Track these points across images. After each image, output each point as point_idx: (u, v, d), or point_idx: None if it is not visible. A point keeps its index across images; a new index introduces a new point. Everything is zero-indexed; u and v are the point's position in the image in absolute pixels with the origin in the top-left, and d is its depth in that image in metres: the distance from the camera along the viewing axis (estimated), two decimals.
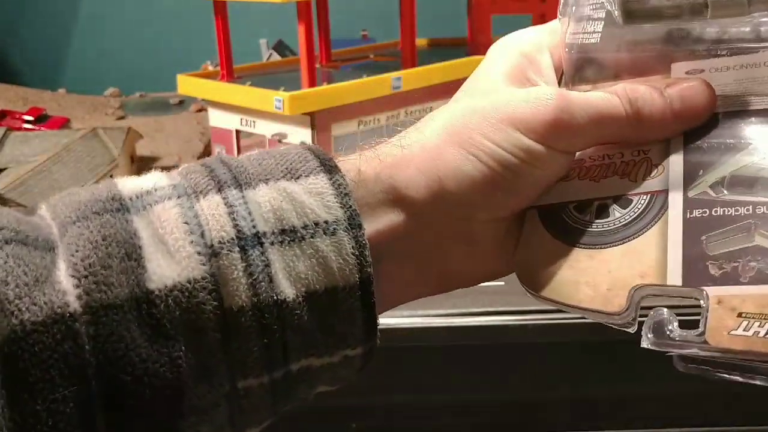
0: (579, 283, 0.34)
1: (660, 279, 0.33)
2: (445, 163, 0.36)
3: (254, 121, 1.09)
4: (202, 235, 0.31)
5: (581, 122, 0.36)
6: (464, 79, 1.25)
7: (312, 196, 0.33)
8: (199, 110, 1.49)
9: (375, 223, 0.35)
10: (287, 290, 0.31)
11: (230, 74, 1.15)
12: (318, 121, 1.01)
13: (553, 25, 0.42)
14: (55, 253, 0.30)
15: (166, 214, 0.31)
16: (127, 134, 1.10)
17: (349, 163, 0.37)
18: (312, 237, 0.32)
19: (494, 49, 0.43)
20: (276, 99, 0.99)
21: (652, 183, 0.35)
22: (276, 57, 1.56)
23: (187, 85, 1.16)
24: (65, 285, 0.29)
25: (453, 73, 1.16)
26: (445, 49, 1.36)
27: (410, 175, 0.36)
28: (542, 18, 1.23)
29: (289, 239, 0.32)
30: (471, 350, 0.76)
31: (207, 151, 1.25)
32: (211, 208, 0.32)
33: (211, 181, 0.33)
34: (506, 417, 0.80)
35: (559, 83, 0.41)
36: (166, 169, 0.35)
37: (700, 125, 0.36)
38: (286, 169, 0.34)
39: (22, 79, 1.76)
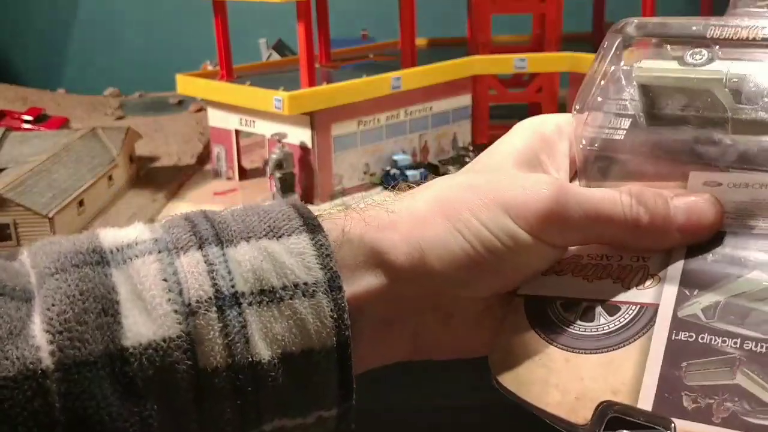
0: (549, 385, 0.33)
1: (631, 399, 0.31)
2: (429, 234, 0.35)
3: (254, 121, 1.09)
4: (180, 293, 0.30)
5: (575, 218, 0.34)
6: (464, 79, 1.25)
7: (293, 256, 0.32)
8: (199, 110, 1.48)
9: (355, 285, 0.34)
10: (263, 351, 0.31)
11: (230, 74, 1.15)
12: (317, 120, 1.01)
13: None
14: (32, 304, 0.30)
15: (146, 270, 0.31)
16: (127, 134, 1.10)
17: (334, 223, 0.35)
18: (291, 298, 0.32)
19: (517, 127, 0.43)
20: (275, 99, 0.99)
21: (645, 294, 0.34)
22: (275, 57, 1.56)
23: (186, 84, 1.16)
24: (39, 340, 0.29)
25: (453, 73, 1.16)
26: (444, 48, 1.36)
27: (394, 240, 0.35)
28: (542, 18, 1.23)
29: (267, 300, 0.31)
30: None
31: (206, 151, 1.25)
32: (191, 265, 0.31)
33: (193, 237, 0.32)
34: (505, 417, 0.80)
35: (572, 176, 0.39)
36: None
37: (705, 241, 0.34)
38: (269, 227, 0.33)
39: (22, 79, 1.76)
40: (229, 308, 0.31)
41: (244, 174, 1.17)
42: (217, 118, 1.16)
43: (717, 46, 0.36)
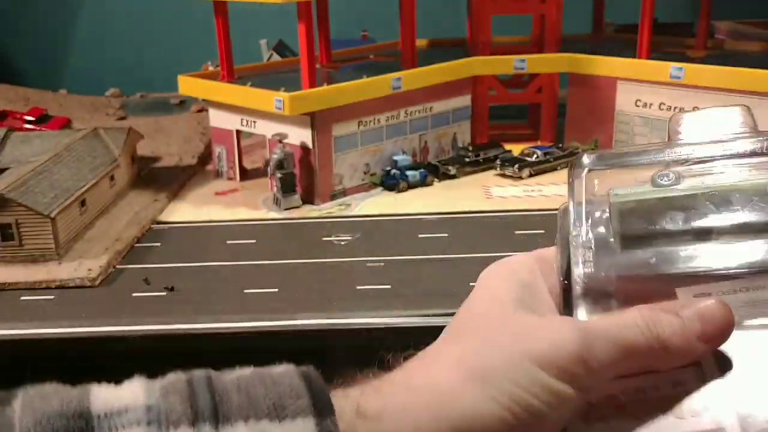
0: None
1: None
2: (462, 406, 0.32)
3: (254, 122, 1.10)
4: None
5: (605, 356, 0.33)
6: (463, 79, 1.25)
7: None
8: (200, 110, 1.49)
9: None
10: None
11: (231, 74, 1.15)
12: (318, 121, 1.02)
13: (540, 252, 0.41)
14: None
15: None
16: (128, 134, 1.11)
17: (347, 398, 0.33)
18: None
19: (490, 278, 0.40)
20: (276, 99, 1.00)
21: (703, 420, 0.33)
22: (276, 57, 1.57)
23: (187, 85, 1.16)
24: None
25: (453, 74, 1.17)
26: (445, 49, 1.36)
27: (419, 421, 0.32)
28: (542, 19, 1.23)
29: None
30: None
31: (207, 151, 1.25)
32: None
33: (188, 410, 0.31)
34: None
35: (560, 310, 0.39)
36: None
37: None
38: (273, 405, 0.31)
39: (24, 80, 1.76)
40: None
41: (245, 174, 1.17)
42: (218, 119, 1.16)
43: (679, 168, 0.37)
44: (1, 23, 1.86)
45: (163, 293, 0.79)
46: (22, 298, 0.80)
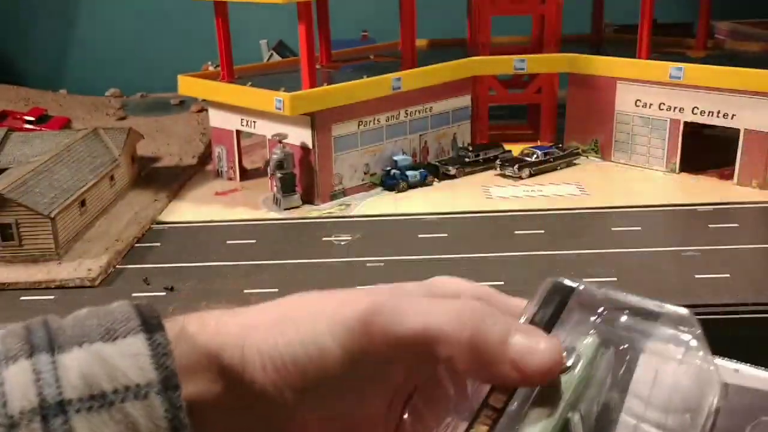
0: None
1: None
2: (256, 337, 0.34)
3: (254, 122, 1.10)
4: (5, 404, 0.30)
5: (395, 329, 0.33)
6: (463, 80, 1.25)
7: (126, 358, 0.32)
8: (200, 110, 1.49)
9: (192, 387, 0.33)
10: None
11: (231, 75, 1.15)
12: (318, 121, 1.02)
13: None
14: None
15: None
16: (128, 134, 1.11)
17: (174, 321, 0.35)
18: (122, 401, 0.31)
19: None
20: (276, 99, 1.00)
21: None
22: (276, 57, 1.57)
23: (187, 85, 1.16)
24: None
25: (453, 74, 1.17)
26: (444, 49, 1.36)
27: (225, 343, 0.34)
28: (541, 19, 1.23)
29: (97, 405, 0.31)
30: None
31: (207, 151, 1.26)
32: (18, 375, 0.31)
33: (25, 346, 0.32)
34: None
35: None
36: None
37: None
38: (105, 330, 0.33)
39: (24, 80, 1.76)
40: (53, 417, 0.30)
41: (245, 174, 1.17)
42: (218, 119, 1.16)
43: None
44: (2, 23, 1.86)
45: (163, 293, 0.79)
46: (22, 298, 0.80)
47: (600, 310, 0.33)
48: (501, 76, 1.25)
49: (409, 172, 1.08)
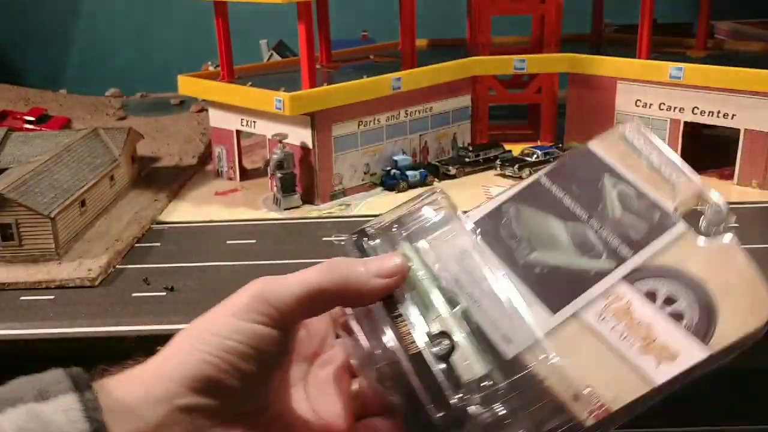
0: None
1: None
2: (176, 362, 0.39)
3: (254, 122, 1.10)
4: None
5: (290, 297, 0.40)
6: (464, 80, 1.25)
7: (59, 413, 0.34)
8: (200, 110, 1.49)
9: None
10: None
11: (231, 75, 1.15)
12: (318, 121, 1.02)
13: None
14: None
15: None
16: (128, 134, 1.11)
17: (110, 380, 0.38)
18: None
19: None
20: (276, 99, 1.00)
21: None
22: (276, 57, 1.57)
23: (187, 85, 1.16)
24: None
25: (453, 74, 1.17)
26: (444, 49, 1.36)
27: (146, 382, 0.38)
28: (541, 19, 1.23)
29: None
30: None
31: (207, 151, 1.26)
32: None
33: None
34: None
35: None
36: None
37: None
38: (38, 391, 0.35)
39: (24, 80, 1.76)
40: None
41: (245, 174, 1.17)
42: (218, 119, 1.16)
43: None
44: (2, 23, 1.86)
45: (163, 293, 0.79)
46: (22, 298, 0.80)
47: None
48: (501, 76, 1.25)
49: (409, 172, 1.08)
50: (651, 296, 0.41)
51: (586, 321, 0.41)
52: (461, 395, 0.39)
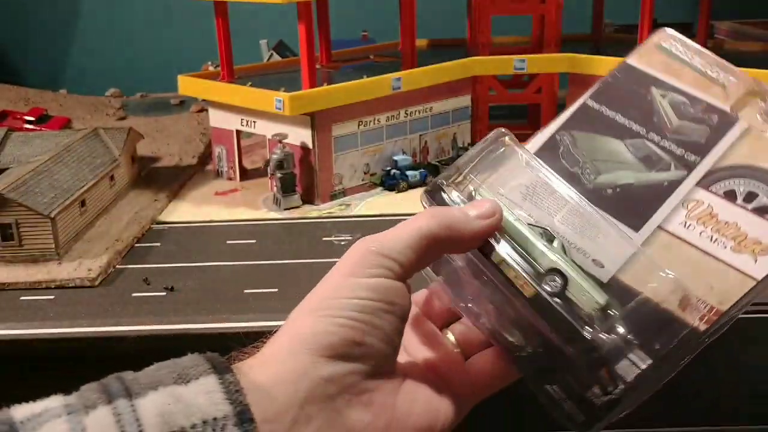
0: None
1: None
2: (310, 332, 0.38)
3: (254, 122, 1.10)
4: None
5: (404, 247, 0.40)
6: (464, 80, 1.25)
7: (201, 395, 0.34)
8: (200, 110, 1.49)
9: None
10: None
11: (231, 75, 1.15)
12: (318, 121, 1.02)
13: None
14: None
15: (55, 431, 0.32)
16: (128, 134, 1.11)
17: (242, 364, 0.38)
18: None
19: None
20: (276, 99, 1.00)
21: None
22: (276, 57, 1.57)
23: (187, 85, 1.16)
24: None
25: (453, 74, 1.17)
26: (444, 49, 1.36)
27: (284, 358, 0.38)
28: (541, 19, 1.23)
29: None
30: None
31: (207, 151, 1.26)
32: (99, 419, 0.33)
33: (103, 395, 0.34)
34: (500, 414, 0.81)
35: None
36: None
37: None
38: (177, 375, 0.36)
39: (24, 80, 1.76)
40: None
41: (245, 174, 1.17)
42: (218, 119, 1.16)
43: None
44: (2, 23, 1.86)
45: (163, 293, 0.79)
46: (22, 298, 0.80)
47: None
48: (501, 76, 1.25)
49: (409, 172, 1.08)
50: (731, 196, 0.41)
51: (673, 231, 0.41)
52: (593, 328, 0.39)
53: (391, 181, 1.08)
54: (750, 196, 0.41)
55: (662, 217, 0.42)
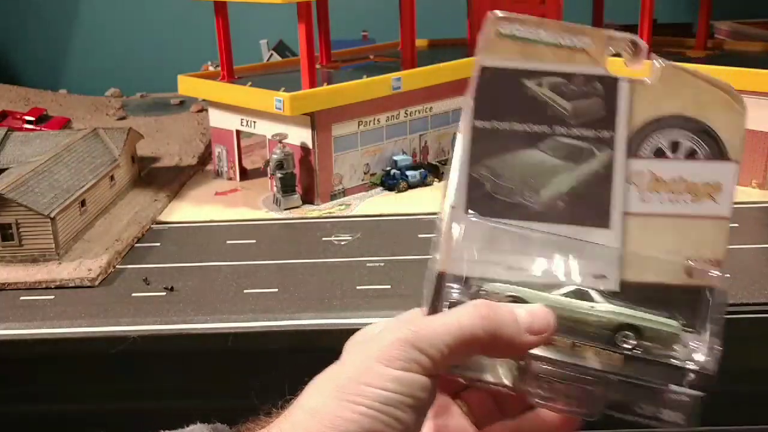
0: None
1: None
2: (327, 417, 0.37)
3: (254, 122, 1.10)
4: None
5: (443, 345, 0.38)
6: (464, 80, 1.25)
7: None
8: (200, 110, 1.49)
9: None
10: None
11: (230, 75, 1.15)
12: (318, 121, 1.02)
13: (401, 315, 0.44)
14: None
15: None
16: (128, 134, 1.11)
17: None
18: None
19: (353, 338, 0.44)
20: (276, 99, 1.00)
21: None
22: (276, 57, 1.57)
23: (187, 85, 1.16)
24: None
25: (453, 74, 1.17)
26: (444, 49, 1.36)
27: None
28: None
29: None
30: None
31: (207, 151, 1.26)
32: None
33: None
34: None
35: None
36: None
37: None
38: None
39: (24, 80, 1.76)
40: None
41: (245, 174, 1.17)
42: (218, 119, 1.16)
43: None
44: (1, 23, 1.86)
45: (163, 293, 0.79)
46: (22, 298, 0.80)
47: None
48: None
49: (409, 172, 1.08)
50: (660, 153, 0.42)
51: (637, 211, 0.41)
52: (690, 359, 0.40)
53: (391, 181, 1.08)
54: (675, 146, 0.41)
55: (620, 203, 0.41)
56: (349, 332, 0.74)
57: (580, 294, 0.41)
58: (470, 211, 0.42)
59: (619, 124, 0.42)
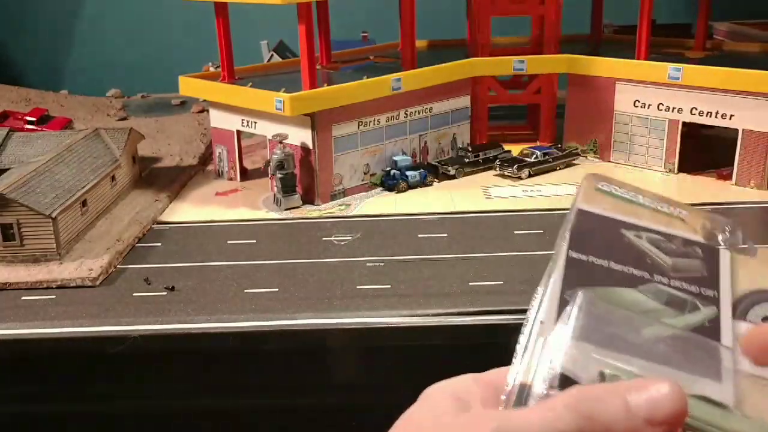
0: None
1: None
2: None
3: (255, 122, 1.10)
4: None
5: None
6: (463, 81, 1.25)
7: None
8: (200, 111, 1.49)
9: None
10: None
11: (231, 75, 1.16)
12: (318, 121, 1.02)
13: (483, 375, 0.41)
14: None
15: None
16: (129, 135, 1.11)
17: None
18: None
19: (430, 393, 0.40)
20: (276, 100, 1.00)
21: None
22: (277, 58, 1.57)
23: (188, 86, 1.17)
24: None
25: (452, 75, 1.17)
26: (444, 50, 1.36)
27: None
28: (541, 20, 1.24)
29: None
30: (469, 349, 0.77)
31: (208, 152, 1.26)
32: None
33: None
34: None
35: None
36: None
37: None
38: None
39: (25, 80, 1.77)
40: None
41: (245, 174, 1.17)
42: (218, 119, 1.17)
43: None
44: (3, 23, 1.87)
45: (164, 293, 0.80)
46: (23, 297, 0.80)
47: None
48: (500, 77, 1.26)
49: (409, 172, 1.09)
50: None
51: (748, 371, 0.38)
52: None
53: (390, 182, 1.09)
54: None
55: (729, 359, 0.39)
56: (348, 332, 0.74)
57: (714, 402, 0.36)
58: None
59: (722, 287, 0.41)
